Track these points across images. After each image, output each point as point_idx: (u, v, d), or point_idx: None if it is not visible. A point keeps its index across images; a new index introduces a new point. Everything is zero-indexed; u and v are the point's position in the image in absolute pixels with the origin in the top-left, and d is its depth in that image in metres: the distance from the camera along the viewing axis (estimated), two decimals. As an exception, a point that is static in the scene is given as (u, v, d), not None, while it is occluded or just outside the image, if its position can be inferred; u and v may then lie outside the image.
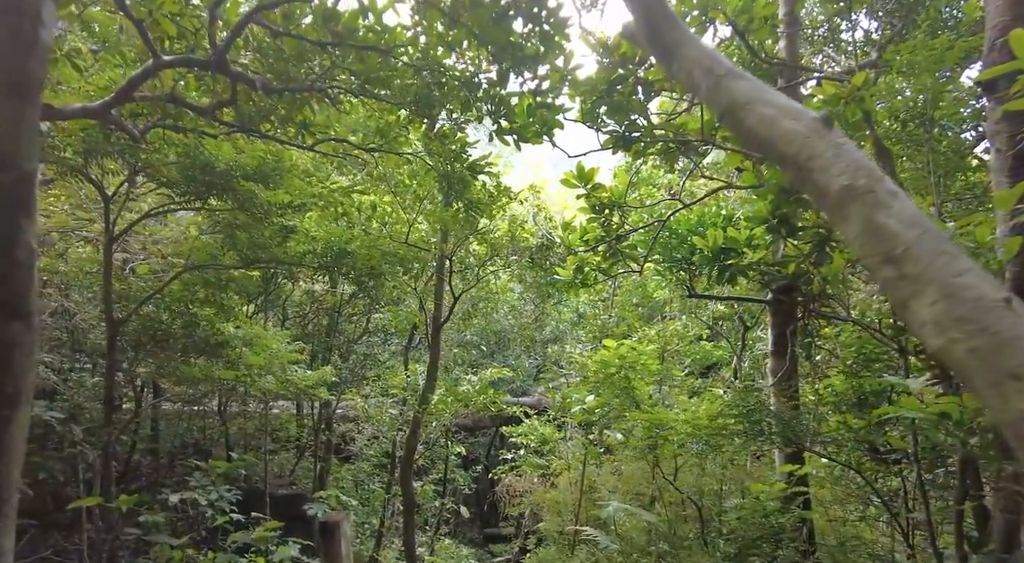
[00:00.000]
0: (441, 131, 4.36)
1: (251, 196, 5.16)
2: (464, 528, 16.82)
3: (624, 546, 7.48)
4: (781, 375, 5.84)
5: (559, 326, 16.21)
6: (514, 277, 9.00)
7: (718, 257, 5.30)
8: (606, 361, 6.24)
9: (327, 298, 12.03)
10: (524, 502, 10.93)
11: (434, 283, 8.08)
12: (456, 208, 5.51)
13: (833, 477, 5.74)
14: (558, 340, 16.15)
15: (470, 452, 17.37)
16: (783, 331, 6.05)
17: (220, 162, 4.95)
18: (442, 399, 7.17)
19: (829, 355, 6.03)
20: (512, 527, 14.77)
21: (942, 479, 4.68)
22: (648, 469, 9.18)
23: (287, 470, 14.42)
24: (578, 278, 6.17)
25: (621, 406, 6.45)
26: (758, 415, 4.90)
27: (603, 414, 6.74)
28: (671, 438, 5.72)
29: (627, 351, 6.15)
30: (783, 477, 5.94)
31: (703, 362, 11.59)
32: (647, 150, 5.53)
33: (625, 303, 12.19)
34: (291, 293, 11.85)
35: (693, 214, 5.85)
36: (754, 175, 5.21)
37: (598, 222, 5.82)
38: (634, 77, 5.21)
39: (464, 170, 4.75)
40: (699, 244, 5.33)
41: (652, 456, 6.19)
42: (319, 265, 6.34)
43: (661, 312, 11.53)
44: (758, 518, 5.14)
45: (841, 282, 4.90)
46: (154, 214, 6.15)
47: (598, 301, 12.83)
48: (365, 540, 11.96)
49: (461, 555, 13.40)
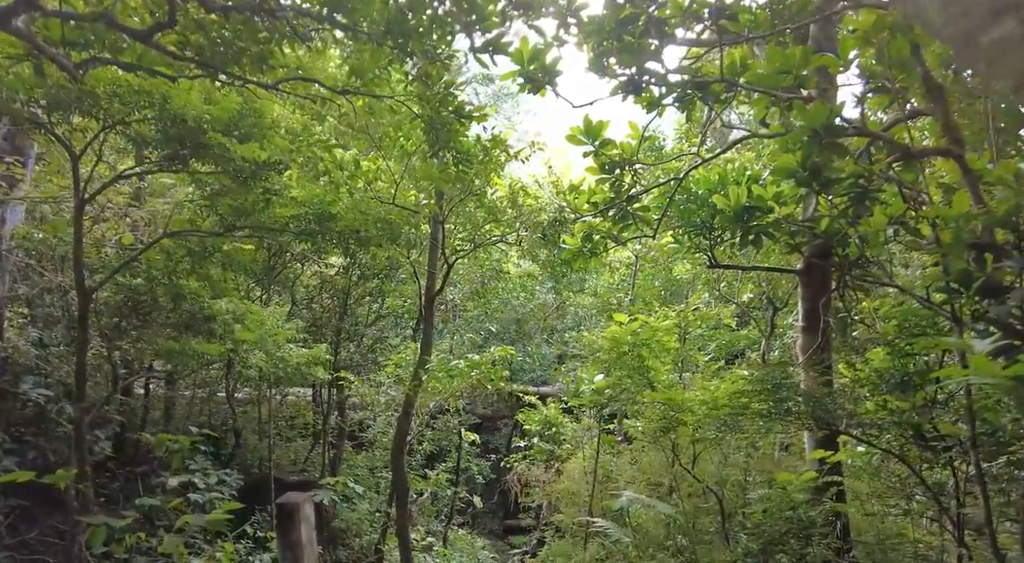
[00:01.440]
0: (423, 70, 3.86)
1: (224, 152, 4.74)
2: (484, 520, 16.48)
3: (639, 539, 6.96)
4: (812, 351, 5.23)
5: (579, 312, 15.65)
6: (525, 253, 8.47)
7: (741, 218, 4.71)
8: (617, 338, 5.70)
9: (337, 281, 11.69)
10: (537, 492, 10.45)
11: (428, 252, 7.55)
12: (446, 162, 5.00)
13: (871, 467, 5.11)
14: (578, 326, 15.59)
15: (488, 441, 16.99)
16: (815, 304, 5.42)
17: (189, 114, 4.54)
18: (433, 376, 6.63)
19: (867, 329, 5.39)
20: (531, 519, 14.39)
21: (1003, 470, 4.06)
22: (665, 458, 8.63)
23: (302, 457, 14.24)
24: (587, 247, 5.63)
25: (634, 387, 5.90)
26: (785, 392, 4.30)
27: (614, 396, 6.19)
28: (688, 421, 5.16)
29: (640, 327, 5.60)
30: (813, 465, 5.35)
31: (728, 348, 10.95)
32: (661, 100, 4.95)
33: (647, 286, 11.60)
34: (299, 274, 11.52)
35: (713, 173, 5.25)
36: (782, 124, 4.60)
37: (608, 183, 5.27)
38: (646, 15, 4.65)
39: (450, 115, 4.26)
40: (720, 204, 4.74)
41: (669, 442, 5.63)
42: (302, 231, 5.88)
43: (685, 295, 10.90)
44: (785, 511, 4.57)
45: (883, 243, 4.28)
46: (128, 175, 5.77)
47: (618, 283, 12.25)
48: (376, 529, 11.66)
49: (476, 546, 13.02)
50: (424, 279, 7.35)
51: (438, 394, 6.49)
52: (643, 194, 5.20)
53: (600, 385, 5.88)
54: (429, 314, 7.54)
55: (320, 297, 12.33)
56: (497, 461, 16.27)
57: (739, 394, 4.60)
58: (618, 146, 5.18)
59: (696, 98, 4.81)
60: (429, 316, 7.62)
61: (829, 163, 4.27)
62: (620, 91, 4.67)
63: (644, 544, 6.97)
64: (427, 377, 6.45)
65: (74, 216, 4.93)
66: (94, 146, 5.06)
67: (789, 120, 4.67)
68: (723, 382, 5.38)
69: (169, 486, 8.52)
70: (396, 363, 7.78)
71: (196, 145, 4.77)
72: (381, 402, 8.22)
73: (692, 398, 5.08)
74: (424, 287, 7.49)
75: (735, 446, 6.32)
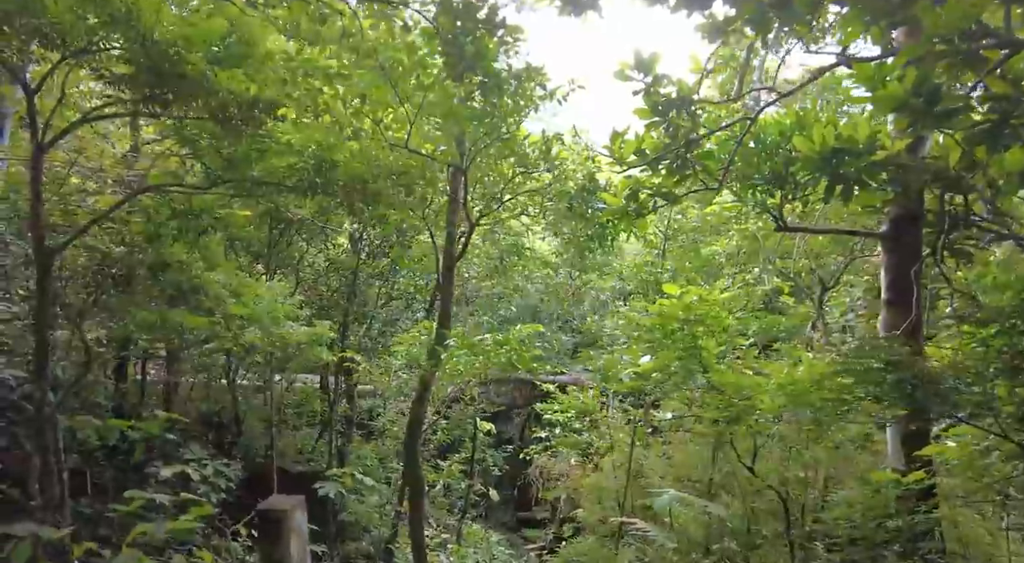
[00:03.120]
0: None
1: (207, 86, 3.97)
2: (496, 511, 15.86)
3: (681, 542, 6.19)
4: (904, 328, 4.40)
5: (599, 297, 14.81)
6: (550, 226, 7.64)
7: (829, 163, 3.89)
8: (667, 313, 4.89)
9: (344, 261, 10.96)
10: (560, 486, 9.69)
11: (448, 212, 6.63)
12: (469, 88, 4.18)
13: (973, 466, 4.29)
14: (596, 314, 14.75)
15: (502, 431, 16.28)
16: (904, 272, 4.59)
17: (162, 35, 3.77)
18: (453, 353, 5.75)
19: (967, 303, 4.55)
20: (547, 512, 13.72)
21: None
22: (706, 452, 7.83)
23: (309, 447, 13.62)
24: (632, 206, 4.82)
25: (684, 371, 5.10)
26: (898, 372, 3.49)
27: (661, 381, 5.39)
28: (764, 408, 4.34)
29: (694, 300, 4.79)
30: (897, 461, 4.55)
31: (766, 333, 10.09)
32: (730, 25, 4.13)
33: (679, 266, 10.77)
34: (304, 253, 10.78)
35: (786, 117, 4.42)
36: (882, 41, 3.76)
37: (660, 127, 4.45)
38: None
39: (476, 26, 3.46)
40: (801, 147, 3.91)
41: (728, 434, 4.83)
42: (299, 184, 5.03)
43: (718, 274, 10.05)
44: (879, 516, 3.77)
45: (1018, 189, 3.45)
46: (96, 118, 5.00)
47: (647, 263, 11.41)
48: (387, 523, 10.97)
49: (491, 541, 12.32)
50: (442, 241, 6.46)
51: (458, 376, 5.69)
52: (705, 139, 4.38)
53: (647, 367, 5.09)
54: (448, 282, 6.57)
55: (327, 278, 11.60)
56: (514, 453, 15.60)
57: (834, 375, 3.78)
58: (674, 82, 4.36)
59: (775, 19, 3.97)
60: (448, 284, 6.62)
61: (951, 90, 3.44)
62: (683, 7, 3.85)
63: (686, 548, 6.20)
64: (445, 356, 5.63)
65: (31, 165, 4.20)
66: (54, 79, 4.32)
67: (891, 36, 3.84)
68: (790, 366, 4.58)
69: (161, 477, 7.88)
70: (409, 342, 6.93)
71: (174, 78, 4.00)
72: (392, 386, 7.42)
73: (763, 383, 4.28)
74: (442, 251, 6.59)
75: (799, 440, 5.53)
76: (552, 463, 10.24)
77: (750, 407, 4.39)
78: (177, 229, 5.41)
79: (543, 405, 10.61)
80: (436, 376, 5.75)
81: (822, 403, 3.92)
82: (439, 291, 6.19)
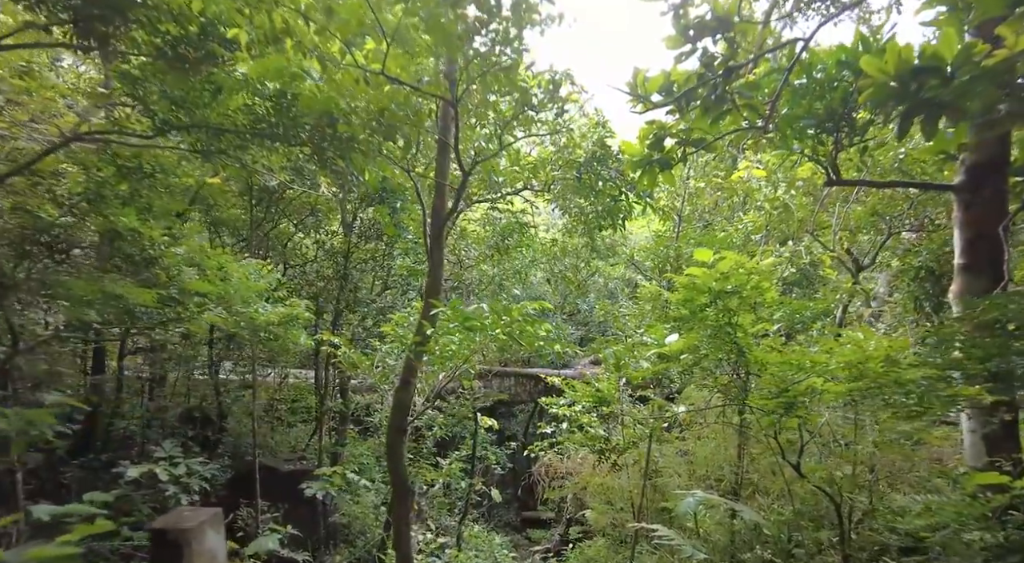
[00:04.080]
0: None
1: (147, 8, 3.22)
2: (500, 511, 15.20)
3: (707, 549, 5.45)
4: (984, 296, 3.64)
5: (608, 284, 14.06)
6: (556, 197, 6.84)
7: (907, 87, 3.12)
8: (697, 285, 4.13)
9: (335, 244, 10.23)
10: (567, 485, 8.95)
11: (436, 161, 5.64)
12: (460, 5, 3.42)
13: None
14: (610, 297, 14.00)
15: (505, 428, 15.59)
16: (986, 230, 3.83)
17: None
18: (444, 328, 4.79)
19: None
20: (552, 512, 13.07)
21: None
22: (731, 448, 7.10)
23: (303, 444, 12.96)
24: (657, 155, 4.07)
25: (716, 353, 4.33)
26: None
27: (690, 364, 4.60)
28: (833, 390, 3.57)
29: (732, 268, 4.02)
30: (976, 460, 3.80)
31: (791, 319, 9.32)
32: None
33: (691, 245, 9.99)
34: (291, 235, 10.05)
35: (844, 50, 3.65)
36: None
37: (693, 56, 3.69)
38: None
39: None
40: (870, 70, 3.15)
41: (776, 427, 4.06)
42: (256, 126, 4.24)
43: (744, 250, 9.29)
44: (973, 528, 3.02)
45: None
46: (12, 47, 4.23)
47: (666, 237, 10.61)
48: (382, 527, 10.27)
49: (493, 544, 11.60)
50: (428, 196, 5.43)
51: (450, 360, 4.86)
52: (744, 67, 3.61)
53: (674, 347, 4.28)
54: (437, 245, 5.44)
55: (318, 265, 10.87)
56: (517, 449, 14.90)
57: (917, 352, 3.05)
58: (709, 0, 3.60)
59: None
60: (437, 247, 5.46)
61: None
62: None
63: (714, 559, 5.47)
64: (433, 332, 4.76)
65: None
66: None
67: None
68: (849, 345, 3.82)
69: (128, 477, 7.17)
70: (397, 322, 6.09)
71: None
72: (376, 373, 6.64)
73: (824, 361, 3.51)
74: (430, 206, 5.57)
75: (842, 433, 4.78)
76: (558, 461, 9.50)
77: (804, 392, 3.64)
78: (128, 192, 4.67)
79: (548, 399, 9.90)
80: (424, 358, 4.96)
81: (913, 386, 3.15)
82: (427, 257, 5.32)
